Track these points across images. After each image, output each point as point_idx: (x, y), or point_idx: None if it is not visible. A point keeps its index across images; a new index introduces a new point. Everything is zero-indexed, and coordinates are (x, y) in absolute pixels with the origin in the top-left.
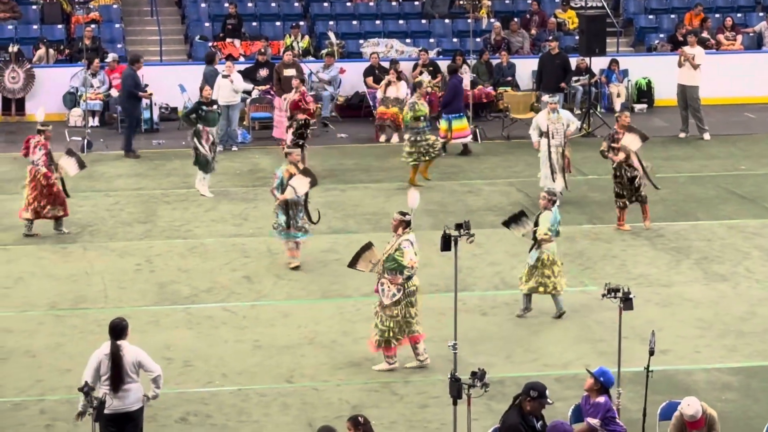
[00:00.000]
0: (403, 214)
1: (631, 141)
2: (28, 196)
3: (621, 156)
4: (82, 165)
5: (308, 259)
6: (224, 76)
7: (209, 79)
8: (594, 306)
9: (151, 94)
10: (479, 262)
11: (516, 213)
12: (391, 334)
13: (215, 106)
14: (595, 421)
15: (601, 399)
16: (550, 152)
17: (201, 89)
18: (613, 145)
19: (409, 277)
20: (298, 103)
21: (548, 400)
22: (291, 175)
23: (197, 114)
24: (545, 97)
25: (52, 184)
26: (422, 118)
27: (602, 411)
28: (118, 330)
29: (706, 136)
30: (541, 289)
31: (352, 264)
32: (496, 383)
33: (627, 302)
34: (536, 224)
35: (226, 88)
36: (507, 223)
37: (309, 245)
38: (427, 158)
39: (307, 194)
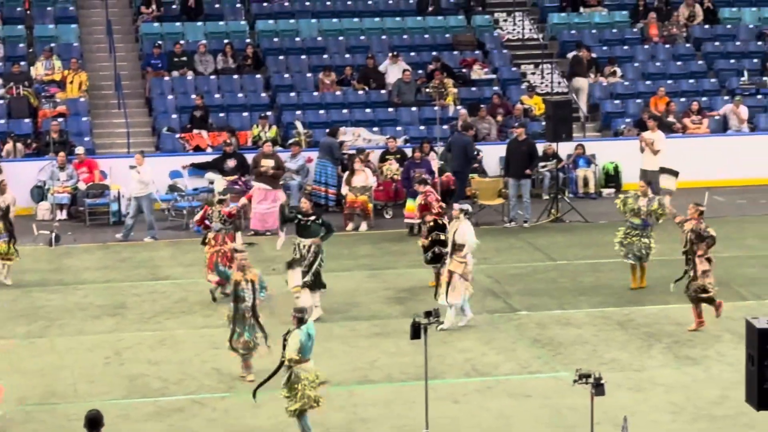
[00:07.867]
0: None
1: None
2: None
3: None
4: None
5: None
6: (131, 167)
7: (330, 150)
8: (566, 392)
9: None
10: (449, 350)
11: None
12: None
13: (313, 217)
14: None
15: None
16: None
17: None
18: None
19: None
20: (424, 207)
21: None
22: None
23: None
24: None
25: None
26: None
27: None
28: (94, 422)
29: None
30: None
31: None
32: None
33: (599, 387)
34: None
35: (134, 180)
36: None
37: None
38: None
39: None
